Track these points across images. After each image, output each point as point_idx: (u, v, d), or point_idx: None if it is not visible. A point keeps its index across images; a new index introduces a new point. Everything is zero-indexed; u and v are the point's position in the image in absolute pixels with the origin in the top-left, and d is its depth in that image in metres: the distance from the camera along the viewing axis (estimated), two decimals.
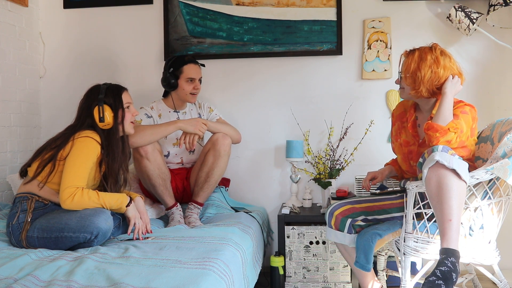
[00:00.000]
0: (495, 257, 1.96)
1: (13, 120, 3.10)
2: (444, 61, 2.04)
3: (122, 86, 2.32)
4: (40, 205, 2.12)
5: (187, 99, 2.85)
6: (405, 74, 2.10)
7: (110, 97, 2.23)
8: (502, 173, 1.84)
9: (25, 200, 2.11)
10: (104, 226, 2.02)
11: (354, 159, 3.09)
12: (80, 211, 2.04)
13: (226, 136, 2.70)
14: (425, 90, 2.04)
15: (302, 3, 3.14)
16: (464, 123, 1.92)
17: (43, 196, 2.14)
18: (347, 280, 2.71)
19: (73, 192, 2.02)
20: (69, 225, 2.00)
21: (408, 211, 1.94)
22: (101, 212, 2.04)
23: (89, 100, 2.24)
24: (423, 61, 2.04)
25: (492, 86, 3.04)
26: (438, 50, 2.07)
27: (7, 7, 3.03)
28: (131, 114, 2.30)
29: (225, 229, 2.32)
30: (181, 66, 2.80)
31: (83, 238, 2.00)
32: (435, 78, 2.02)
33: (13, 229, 2.07)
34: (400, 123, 2.25)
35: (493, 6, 2.73)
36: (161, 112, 2.87)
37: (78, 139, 2.12)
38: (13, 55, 3.09)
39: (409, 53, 2.12)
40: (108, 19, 3.33)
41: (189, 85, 2.81)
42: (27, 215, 2.08)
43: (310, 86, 3.19)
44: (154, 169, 2.58)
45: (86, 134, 2.13)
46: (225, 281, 1.72)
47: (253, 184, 3.25)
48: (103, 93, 2.22)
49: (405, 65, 2.11)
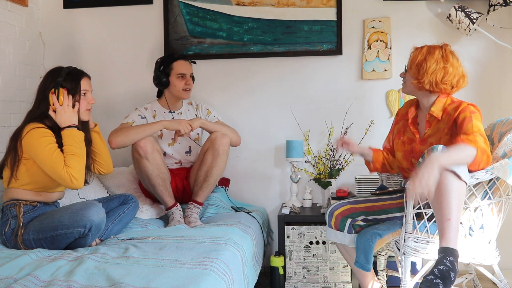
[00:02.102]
0: (495, 257, 1.96)
1: (13, 120, 3.10)
2: (453, 60, 2.06)
3: (85, 72, 2.26)
4: (29, 208, 2.12)
5: (180, 96, 2.85)
6: (411, 65, 2.11)
7: (68, 81, 2.17)
8: (502, 173, 1.84)
9: (13, 207, 2.10)
10: (96, 219, 2.01)
11: (354, 159, 3.08)
12: (70, 207, 2.05)
13: (225, 135, 2.70)
14: (428, 81, 2.05)
15: (302, 3, 3.14)
16: (478, 122, 1.93)
17: (30, 199, 2.13)
18: (347, 280, 2.72)
19: (66, 172, 2.01)
20: (62, 222, 2.00)
21: (408, 211, 1.94)
22: (92, 205, 2.05)
23: (47, 81, 2.18)
24: (431, 55, 2.06)
25: (492, 86, 3.04)
26: (448, 49, 2.09)
27: (7, 7, 3.03)
28: (87, 101, 2.24)
29: (225, 229, 2.32)
30: (171, 63, 2.83)
31: (77, 233, 1.99)
32: (440, 72, 2.03)
33: (7, 237, 2.07)
34: (404, 121, 2.26)
35: (493, 6, 2.73)
36: (156, 112, 2.87)
37: (27, 134, 2.07)
38: (13, 55, 3.09)
39: (417, 48, 2.15)
40: (108, 19, 3.33)
41: (181, 81, 2.82)
42: (18, 220, 2.07)
43: (310, 86, 3.19)
44: (154, 169, 2.58)
45: (26, 129, 2.08)
46: (225, 281, 1.72)
47: (253, 184, 3.25)
48: (62, 76, 2.17)
49: (412, 57, 2.13)
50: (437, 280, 1.63)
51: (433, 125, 2.11)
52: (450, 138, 2.02)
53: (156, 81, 2.84)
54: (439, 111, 2.07)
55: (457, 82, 2.06)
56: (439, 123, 2.08)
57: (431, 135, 2.11)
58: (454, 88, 2.08)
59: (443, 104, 2.08)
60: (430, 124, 2.12)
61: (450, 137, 2.02)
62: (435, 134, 2.09)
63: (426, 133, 2.13)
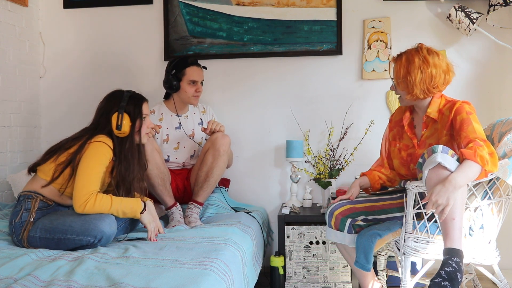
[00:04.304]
0: (495, 257, 1.96)
1: (13, 120, 3.10)
2: (433, 60, 2.04)
3: (144, 96, 2.31)
4: (44, 205, 2.12)
5: (189, 102, 2.86)
6: (397, 81, 2.11)
7: (131, 105, 2.22)
8: (502, 173, 1.84)
9: (30, 199, 2.11)
10: (108, 230, 2.02)
11: (354, 159, 3.09)
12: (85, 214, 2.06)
13: (226, 136, 2.70)
14: (420, 91, 2.05)
15: (302, 3, 3.14)
16: (477, 124, 1.92)
17: (47, 196, 2.14)
18: (347, 280, 2.72)
19: (87, 199, 2.02)
20: (73, 228, 2.00)
21: (408, 211, 1.94)
22: (106, 216, 2.04)
23: (109, 104, 2.22)
24: (411, 64, 2.04)
25: (492, 86, 3.04)
26: (424, 49, 2.07)
27: (7, 7, 3.03)
28: (146, 125, 2.29)
29: (225, 229, 2.32)
30: (184, 68, 2.80)
31: (86, 242, 2.00)
32: (427, 78, 2.03)
33: (15, 227, 2.07)
34: (399, 127, 2.25)
35: (493, 6, 2.73)
36: (163, 116, 2.87)
37: (93, 143, 2.11)
38: (13, 55, 3.09)
39: (396, 59, 2.13)
40: (108, 19, 3.33)
41: (192, 88, 2.82)
42: (30, 214, 2.08)
43: (310, 86, 3.19)
44: (153, 169, 2.58)
45: (100, 139, 2.13)
46: (225, 281, 1.72)
47: (253, 184, 3.25)
48: (125, 100, 2.21)
49: (395, 71, 2.13)
50: (445, 282, 1.63)
51: (430, 126, 2.11)
52: (449, 139, 2.02)
53: (167, 85, 2.83)
54: (435, 112, 2.07)
55: (445, 79, 2.06)
56: (436, 123, 2.08)
57: (429, 137, 2.11)
58: (445, 85, 2.08)
59: (438, 104, 2.08)
60: (427, 125, 2.12)
61: (449, 138, 2.02)
62: (433, 135, 2.09)
63: (423, 134, 2.12)
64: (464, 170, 1.75)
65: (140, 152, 2.29)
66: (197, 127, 2.94)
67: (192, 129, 2.93)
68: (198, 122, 2.97)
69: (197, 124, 2.96)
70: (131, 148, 2.22)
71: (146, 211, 2.18)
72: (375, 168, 2.35)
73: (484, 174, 1.79)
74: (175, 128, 2.89)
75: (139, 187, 2.27)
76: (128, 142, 2.20)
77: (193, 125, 2.94)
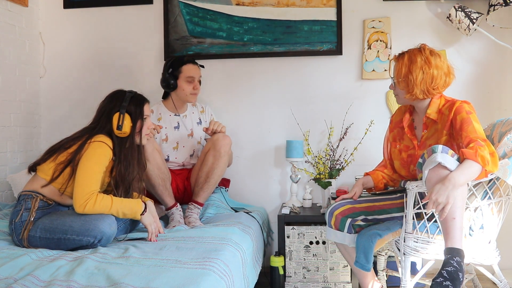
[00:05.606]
0: (495, 257, 1.96)
1: (13, 120, 3.10)
2: (435, 61, 2.04)
3: (145, 97, 2.32)
4: (44, 205, 2.12)
5: (187, 100, 2.86)
6: (398, 79, 2.10)
7: (133, 106, 2.22)
8: (502, 173, 1.84)
9: (30, 199, 2.11)
10: (108, 231, 2.02)
11: (354, 159, 3.09)
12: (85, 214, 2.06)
13: (226, 136, 2.70)
14: (419, 91, 2.05)
15: (302, 3, 3.14)
16: (477, 124, 1.92)
17: (47, 196, 2.14)
18: (347, 280, 2.72)
19: (87, 199, 2.02)
20: (73, 228, 2.00)
21: (408, 211, 1.94)
22: (106, 216, 2.04)
23: (110, 104, 2.22)
24: (413, 64, 2.04)
25: (492, 86, 3.04)
26: (427, 50, 2.07)
27: (7, 7, 3.03)
28: (147, 126, 2.30)
29: (225, 229, 2.32)
30: (180, 66, 2.81)
31: (86, 242, 2.00)
32: (428, 79, 2.02)
33: (16, 227, 2.07)
34: (399, 129, 2.25)
35: (493, 6, 2.73)
36: (161, 115, 2.87)
37: (93, 143, 2.11)
38: (13, 55, 3.09)
39: (398, 57, 2.12)
40: (108, 19, 3.33)
41: (189, 85, 2.82)
42: (30, 214, 2.08)
43: (310, 86, 3.19)
44: (154, 169, 2.58)
45: (100, 138, 2.13)
46: (225, 281, 1.72)
47: (253, 184, 3.25)
48: (127, 101, 2.21)
49: (396, 70, 2.12)
50: (446, 282, 1.63)
51: (430, 127, 2.11)
52: (448, 139, 2.02)
53: (164, 83, 2.83)
54: (435, 113, 2.07)
55: (445, 81, 2.06)
56: (436, 124, 2.08)
57: (429, 137, 2.11)
58: (445, 87, 2.08)
59: (438, 105, 2.08)
60: (427, 126, 2.12)
61: (449, 138, 2.02)
62: (433, 136, 2.09)
63: (423, 135, 2.12)
64: (464, 169, 1.76)
65: (140, 152, 2.29)
66: (196, 127, 2.94)
67: (191, 129, 2.93)
68: (196, 121, 2.97)
69: (196, 123, 2.96)
70: (131, 148, 2.22)
71: (147, 212, 2.18)
72: (378, 169, 2.35)
73: (484, 174, 1.79)
74: (174, 128, 2.89)
75: (138, 187, 2.27)
76: (128, 142, 2.21)
77: (192, 125, 2.94)
